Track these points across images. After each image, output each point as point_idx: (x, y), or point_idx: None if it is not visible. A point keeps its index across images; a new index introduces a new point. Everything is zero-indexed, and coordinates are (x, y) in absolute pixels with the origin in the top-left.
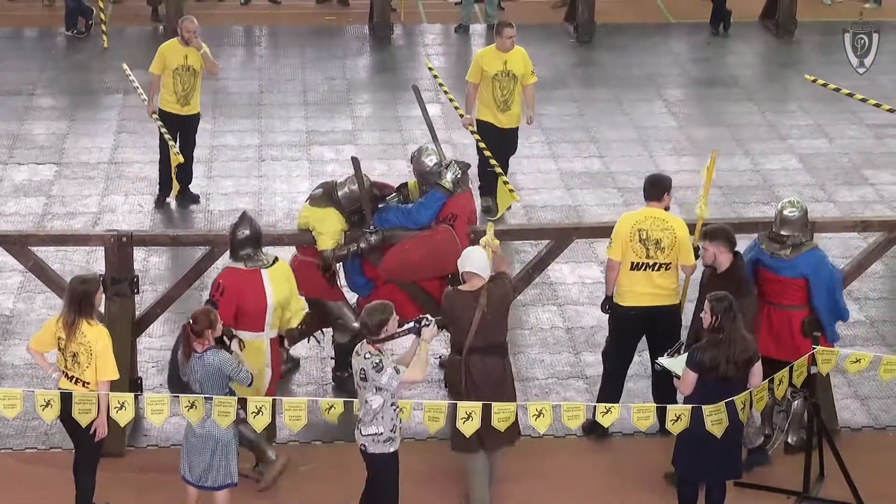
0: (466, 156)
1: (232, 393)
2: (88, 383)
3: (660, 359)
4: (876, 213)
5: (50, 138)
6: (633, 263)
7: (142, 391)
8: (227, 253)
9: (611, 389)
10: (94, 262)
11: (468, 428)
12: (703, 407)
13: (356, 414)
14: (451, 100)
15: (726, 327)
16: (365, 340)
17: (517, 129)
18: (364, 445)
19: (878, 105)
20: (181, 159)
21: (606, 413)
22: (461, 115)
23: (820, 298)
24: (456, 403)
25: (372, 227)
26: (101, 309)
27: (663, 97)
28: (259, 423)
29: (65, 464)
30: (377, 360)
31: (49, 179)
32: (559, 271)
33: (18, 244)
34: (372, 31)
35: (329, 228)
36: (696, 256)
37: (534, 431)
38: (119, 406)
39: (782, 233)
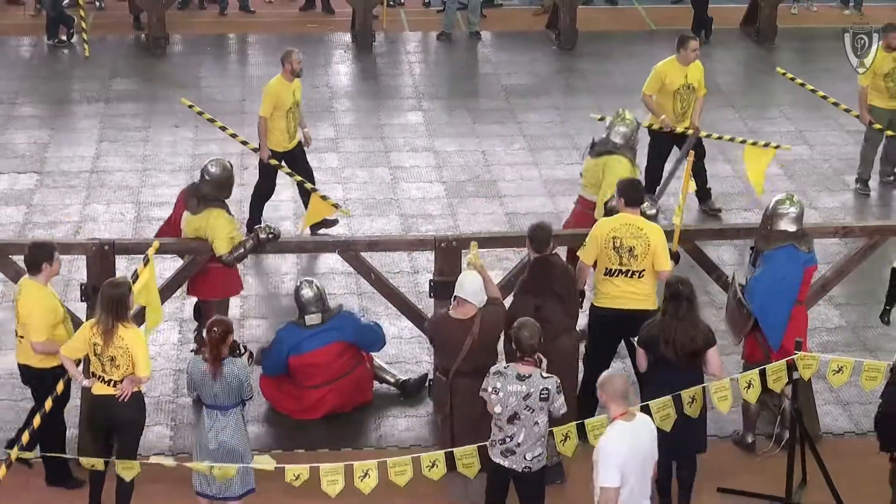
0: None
1: (244, 405)
2: (120, 382)
3: (634, 338)
4: (857, 219)
5: (31, 147)
6: (606, 269)
7: None
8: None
9: (588, 398)
10: (75, 271)
11: (435, 474)
12: (651, 403)
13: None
14: None
15: (668, 310)
16: (520, 362)
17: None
18: (529, 468)
19: (847, 110)
20: (349, 212)
21: (565, 440)
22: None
23: None
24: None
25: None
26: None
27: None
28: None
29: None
30: (557, 382)
31: (30, 188)
32: None
33: None
34: (354, 40)
35: (222, 233)
36: (676, 262)
37: None
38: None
39: (804, 227)
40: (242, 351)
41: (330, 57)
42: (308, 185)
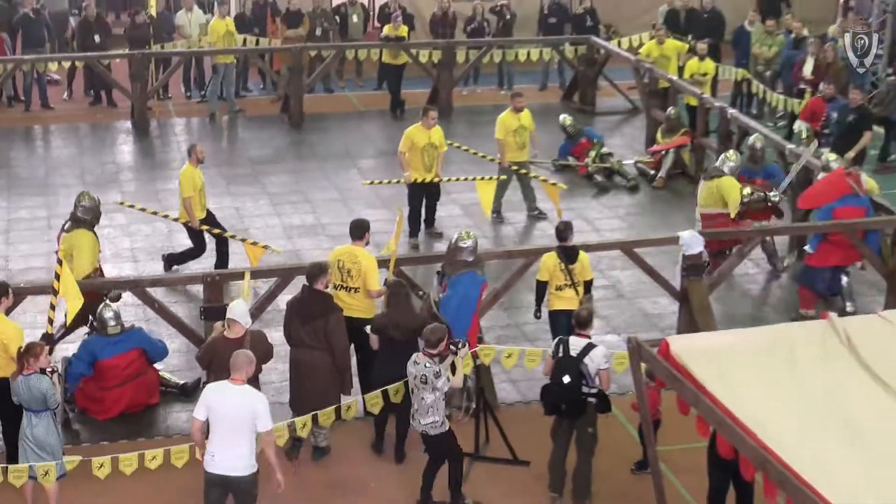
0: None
1: (54, 412)
2: None
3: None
4: (516, 245)
5: None
6: (335, 285)
7: None
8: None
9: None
10: None
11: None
12: (366, 397)
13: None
14: None
15: (391, 302)
16: (422, 352)
17: (439, 181)
18: (426, 431)
19: (493, 159)
20: (279, 250)
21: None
22: (404, 182)
23: None
24: None
25: None
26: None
27: (358, 166)
28: None
29: None
30: (437, 370)
31: None
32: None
33: None
34: (134, 126)
35: (85, 253)
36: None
37: None
38: None
39: (479, 254)
40: (50, 374)
41: (115, 139)
42: (239, 237)
